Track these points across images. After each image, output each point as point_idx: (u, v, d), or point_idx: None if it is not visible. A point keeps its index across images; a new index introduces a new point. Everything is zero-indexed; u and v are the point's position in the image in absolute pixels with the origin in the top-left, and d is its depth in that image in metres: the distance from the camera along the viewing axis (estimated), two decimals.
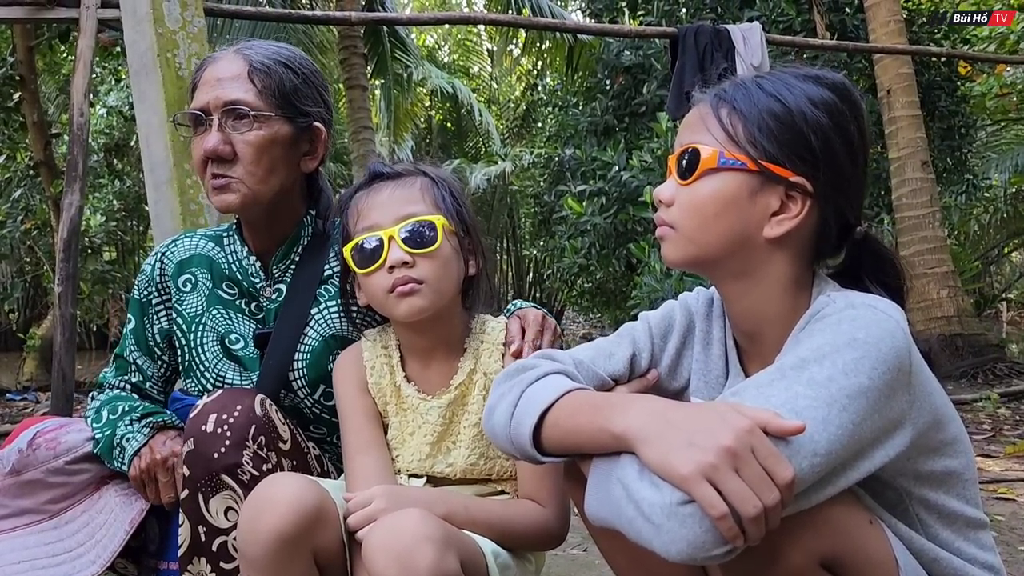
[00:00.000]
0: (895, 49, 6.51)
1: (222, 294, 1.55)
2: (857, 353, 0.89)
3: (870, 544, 0.94)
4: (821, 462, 0.84)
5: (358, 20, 5.43)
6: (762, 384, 0.90)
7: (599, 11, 8.94)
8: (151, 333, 1.59)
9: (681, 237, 1.08)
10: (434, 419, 1.35)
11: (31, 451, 1.41)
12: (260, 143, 1.42)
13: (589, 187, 7.20)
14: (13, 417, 6.12)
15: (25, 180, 8.60)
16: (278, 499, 1.13)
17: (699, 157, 1.04)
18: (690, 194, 1.06)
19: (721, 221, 1.04)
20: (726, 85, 1.08)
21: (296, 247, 1.54)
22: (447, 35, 17.36)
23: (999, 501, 3.02)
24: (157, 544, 1.46)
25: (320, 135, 1.51)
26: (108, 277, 8.81)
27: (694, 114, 1.10)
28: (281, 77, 1.44)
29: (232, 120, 1.41)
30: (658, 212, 1.11)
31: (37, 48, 8.03)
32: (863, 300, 0.98)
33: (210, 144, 1.40)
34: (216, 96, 1.41)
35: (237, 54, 1.45)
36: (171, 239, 1.64)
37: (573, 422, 0.97)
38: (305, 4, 10.03)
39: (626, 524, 0.86)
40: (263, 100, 1.42)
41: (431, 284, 1.30)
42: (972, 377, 6.29)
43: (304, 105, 1.47)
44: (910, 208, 6.80)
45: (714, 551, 0.80)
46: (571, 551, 2.45)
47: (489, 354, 1.37)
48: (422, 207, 1.33)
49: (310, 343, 1.48)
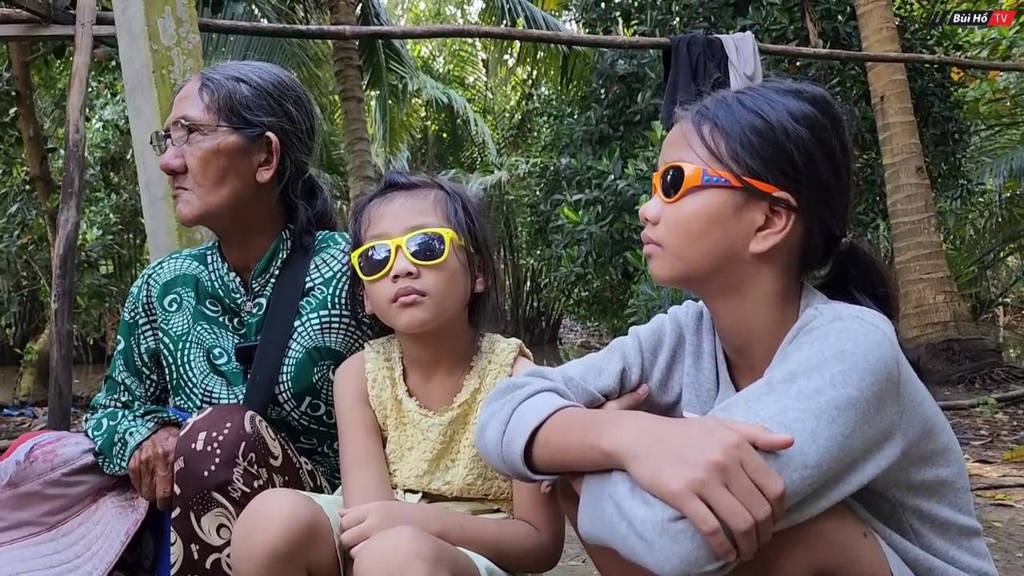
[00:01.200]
0: (888, 57, 6.54)
1: (206, 311, 1.57)
2: (845, 365, 0.90)
3: (864, 557, 0.94)
4: (812, 474, 0.85)
5: (352, 34, 5.45)
6: (751, 398, 0.91)
7: (593, 21, 8.98)
8: (138, 354, 1.62)
9: (668, 255, 1.08)
10: (434, 436, 1.34)
11: (28, 464, 1.41)
12: (204, 154, 1.46)
13: (585, 196, 7.22)
14: (10, 432, 6.10)
15: (21, 195, 8.60)
16: (271, 515, 1.12)
17: (683, 175, 1.05)
18: (675, 212, 1.06)
19: (707, 238, 1.04)
20: (707, 102, 1.09)
21: (275, 260, 1.55)
22: (442, 46, 17.42)
23: (997, 507, 3.01)
24: (152, 560, 1.46)
25: (273, 145, 1.52)
26: (105, 291, 8.78)
27: (676, 132, 1.10)
28: (229, 90, 1.49)
29: (180, 134, 1.48)
30: (645, 230, 1.12)
31: (33, 63, 8.04)
32: (850, 312, 0.98)
33: (164, 159, 1.49)
34: (172, 115, 1.51)
35: (199, 76, 1.53)
36: (158, 261, 1.69)
37: (564, 440, 0.97)
38: (300, 19, 10.06)
39: (619, 541, 0.86)
40: (208, 113, 1.48)
41: (434, 297, 1.30)
42: (969, 382, 6.29)
43: (253, 115, 1.49)
44: (905, 214, 6.81)
45: (707, 567, 0.80)
46: (569, 563, 2.44)
47: (495, 374, 1.36)
48: (433, 219, 1.33)
49: (294, 355, 1.49)
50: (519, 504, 1.32)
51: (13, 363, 10.15)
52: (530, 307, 15.82)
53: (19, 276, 10.15)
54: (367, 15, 9.80)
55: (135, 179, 11.21)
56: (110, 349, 10.42)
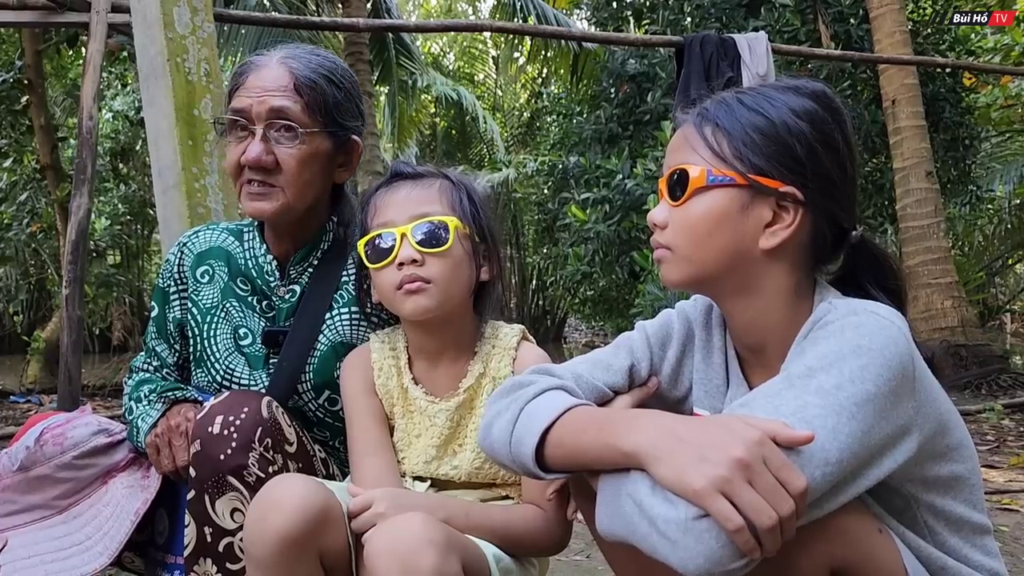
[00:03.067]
0: (900, 60, 6.51)
1: (236, 289, 1.56)
2: (863, 360, 0.90)
3: (879, 552, 0.94)
4: (833, 471, 0.85)
5: (366, 27, 5.44)
6: (771, 394, 0.91)
7: (604, 20, 8.98)
8: (168, 321, 1.62)
9: (678, 258, 1.08)
10: (441, 422, 1.35)
11: (39, 447, 1.43)
12: (304, 157, 1.42)
13: (593, 195, 7.22)
14: (17, 420, 6.13)
15: (31, 183, 8.63)
16: (284, 500, 1.13)
17: (688, 177, 1.05)
18: (683, 214, 1.07)
19: (716, 238, 1.05)
20: (708, 104, 1.10)
21: (316, 251, 1.55)
22: (452, 42, 17.42)
23: (1003, 512, 3.01)
24: (166, 537, 1.47)
25: (356, 148, 1.53)
26: (112, 281, 8.81)
27: (679, 136, 1.11)
28: (325, 92, 1.44)
29: (276, 131, 1.41)
30: (654, 236, 1.12)
31: (45, 52, 8.07)
32: (865, 307, 0.98)
33: (253, 153, 1.40)
34: (261, 104, 1.40)
35: (282, 64, 1.44)
36: (194, 230, 1.66)
37: (578, 441, 0.97)
38: (312, 11, 10.07)
39: (640, 540, 0.86)
40: (308, 115, 1.42)
41: (439, 284, 1.30)
42: (976, 388, 6.27)
43: (345, 119, 1.48)
44: (914, 218, 6.80)
45: (731, 565, 0.80)
46: (574, 557, 2.45)
47: (500, 359, 1.37)
48: (438, 208, 1.34)
49: (320, 348, 1.49)
50: (527, 487, 1.33)
51: (20, 351, 10.19)
52: (535, 305, 15.82)
53: (27, 265, 10.20)
54: (378, 10, 9.81)
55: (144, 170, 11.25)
56: (116, 339, 10.44)
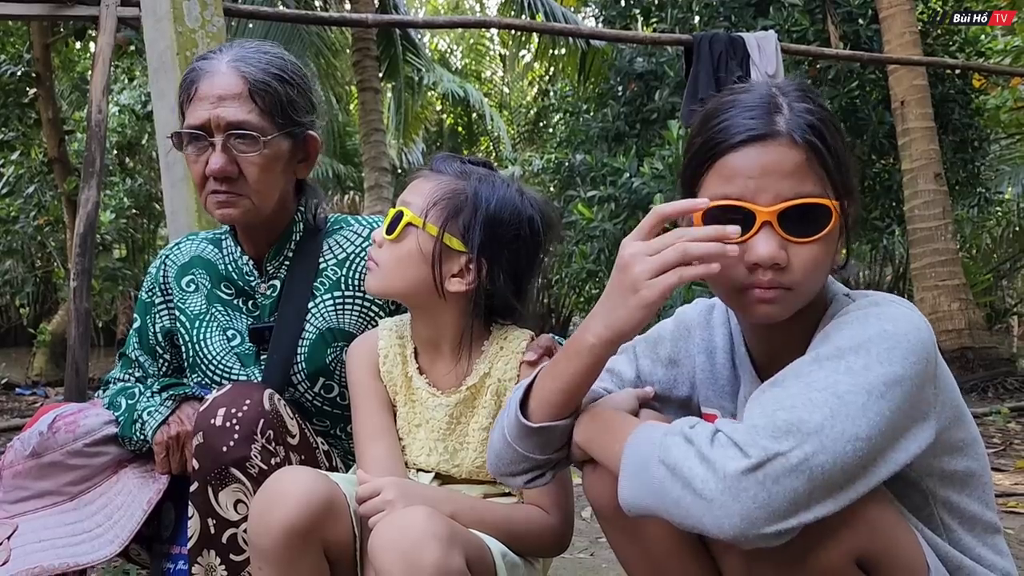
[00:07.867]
0: (909, 60, 6.48)
1: (220, 294, 1.57)
2: (889, 343, 0.92)
3: (903, 544, 0.96)
4: (863, 447, 0.87)
5: (374, 22, 5.44)
6: (801, 373, 0.93)
7: (612, 18, 8.95)
8: (153, 332, 1.62)
9: (798, 296, 1.02)
10: (440, 416, 1.35)
11: (51, 434, 1.43)
12: (265, 163, 1.43)
13: (599, 193, 7.20)
14: (23, 412, 6.16)
15: (39, 176, 8.66)
16: (289, 492, 1.14)
17: (832, 214, 0.98)
18: (811, 252, 0.99)
19: (824, 270, 1.03)
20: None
21: (289, 244, 1.55)
22: (459, 39, 17.41)
23: (1010, 515, 3.00)
24: (172, 529, 1.48)
25: (314, 143, 1.53)
26: (118, 274, 8.85)
27: (789, 160, 0.98)
28: (279, 92, 1.44)
29: (236, 140, 1.42)
30: (768, 277, 0.98)
31: (53, 46, 8.09)
32: (884, 298, 1.02)
33: (216, 165, 1.40)
34: (218, 116, 1.40)
35: (233, 69, 1.43)
36: (176, 242, 1.68)
37: (554, 371, 1.06)
38: (320, 6, 10.07)
39: (671, 505, 0.88)
40: (266, 120, 1.43)
41: (383, 268, 1.33)
42: (982, 391, 6.24)
43: (300, 116, 1.49)
44: (922, 220, 6.76)
45: (765, 528, 0.83)
46: (578, 555, 2.45)
47: (507, 360, 1.37)
48: (419, 201, 1.31)
49: (308, 336, 1.50)
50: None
51: (26, 344, 10.24)
52: (540, 303, 15.81)
53: (34, 258, 10.24)
54: (385, 6, 9.80)
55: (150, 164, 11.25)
56: (121, 333, 10.49)
